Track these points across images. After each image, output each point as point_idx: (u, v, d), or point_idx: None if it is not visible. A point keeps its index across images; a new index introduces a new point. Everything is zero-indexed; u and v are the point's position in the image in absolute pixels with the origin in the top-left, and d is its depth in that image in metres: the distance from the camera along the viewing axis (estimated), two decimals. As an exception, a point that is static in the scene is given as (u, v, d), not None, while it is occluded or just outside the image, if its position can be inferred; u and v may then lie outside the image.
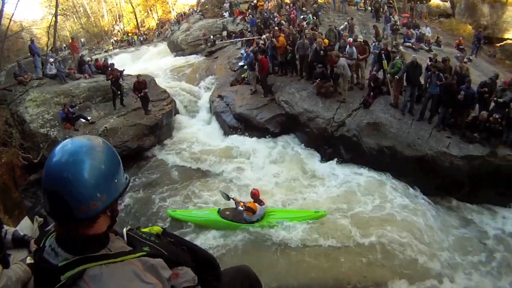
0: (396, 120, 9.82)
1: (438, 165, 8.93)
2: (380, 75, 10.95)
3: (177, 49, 22.82)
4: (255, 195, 7.23)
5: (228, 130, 11.94)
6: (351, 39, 11.39)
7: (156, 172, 10.09)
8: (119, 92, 11.88)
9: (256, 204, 7.14)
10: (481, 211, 8.75)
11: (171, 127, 12.42)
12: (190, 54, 21.24)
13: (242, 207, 7.23)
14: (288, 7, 18.76)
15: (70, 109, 10.75)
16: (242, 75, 13.66)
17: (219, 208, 7.69)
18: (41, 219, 2.79)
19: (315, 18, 16.21)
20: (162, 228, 1.48)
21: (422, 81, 10.32)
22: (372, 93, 10.44)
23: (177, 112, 13.45)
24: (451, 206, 8.96)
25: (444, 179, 8.97)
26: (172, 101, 13.27)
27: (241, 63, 14.25)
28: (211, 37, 20.82)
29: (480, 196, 8.92)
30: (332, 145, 10.13)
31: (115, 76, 11.68)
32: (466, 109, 9.55)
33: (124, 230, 1.31)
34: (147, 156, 10.88)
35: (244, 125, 11.52)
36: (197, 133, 12.41)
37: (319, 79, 10.68)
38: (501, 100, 9.21)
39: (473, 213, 8.68)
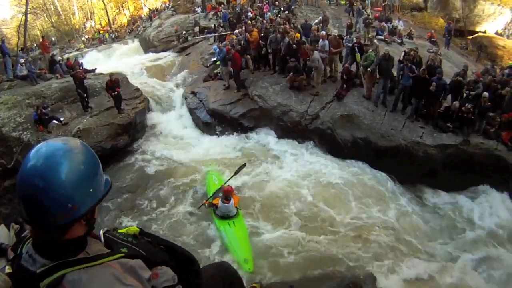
0: (369, 112, 9.88)
1: (412, 154, 9.09)
2: (353, 68, 10.96)
3: (149, 46, 22.29)
4: (226, 192, 7.09)
5: (202, 126, 11.73)
6: (323, 32, 11.38)
7: (131, 171, 9.75)
8: (85, 95, 11.40)
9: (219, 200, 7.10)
10: (454, 198, 8.98)
11: (144, 126, 12.09)
12: (163, 50, 20.71)
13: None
14: (260, 1, 18.54)
15: (43, 110, 10.29)
16: (215, 71, 13.41)
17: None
18: (17, 226, 2.62)
19: (287, 12, 16.11)
20: (139, 228, 1.49)
21: (395, 74, 10.39)
22: (345, 86, 10.44)
23: (150, 110, 13.08)
24: (426, 193, 9.18)
25: (419, 167, 9.15)
26: (145, 99, 12.90)
27: (213, 59, 14.01)
28: (184, 33, 20.40)
29: (454, 183, 9.12)
30: (306, 138, 10.06)
31: (79, 78, 11.21)
32: (438, 99, 9.71)
33: (101, 232, 1.29)
34: (121, 156, 10.49)
35: (218, 120, 11.31)
36: (171, 130, 12.11)
37: (292, 73, 10.58)
38: (473, 92, 9.45)
39: (447, 200, 8.92)
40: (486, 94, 9.26)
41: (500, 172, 9.05)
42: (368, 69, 9.91)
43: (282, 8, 16.85)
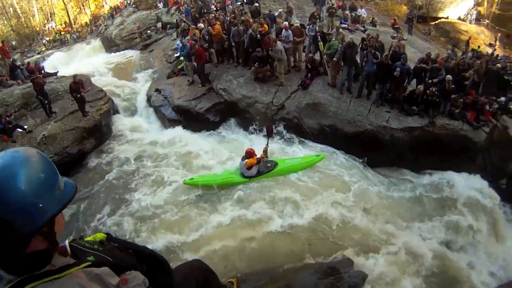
0: (335, 99, 9.94)
1: (379, 138, 9.31)
2: (317, 56, 10.98)
3: (111, 44, 21.50)
4: (248, 153, 7.86)
5: (168, 123, 11.41)
6: (286, 23, 11.33)
7: (99, 174, 9.36)
8: (46, 101, 10.84)
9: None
10: (423, 178, 9.33)
11: (110, 127, 11.64)
12: (125, 49, 20.05)
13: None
14: (223, -7, 18.26)
15: (7, 118, 9.83)
16: (179, 67, 13.06)
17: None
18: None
19: (258, 5, 15.89)
20: (106, 233, 1.48)
21: (359, 61, 10.57)
22: (309, 75, 10.45)
23: (115, 110, 12.63)
24: (396, 175, 9.48)
25: (387, 151, 9.37)
26: (109, 99, 12.43)
27: (177, 54, 13.67)
28: (146, 29, 19.83)
29: (422, 164, 9.46)
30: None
31: (39, 84, 10.64)
32: (403, 84, 9.93)
33: (67, 241, 1.25)
34: (89, 160, 10.08)
35: (184, 117, 11.02)
36: (137, 130, 11.73)
37: (257, 63, 10.42)
38: (436, 80, 9.80)
39: (416, 180, 9.26)
40: (449, 77, 9.54)
41: (467, 151, 9.41)
42: (334, 58, 9.90)
43: (244, 0, 16.65)
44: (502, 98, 10.84)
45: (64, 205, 1.14)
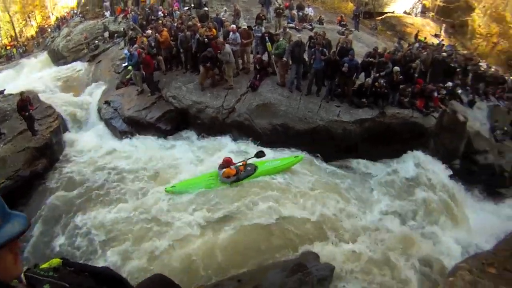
0: (285, 98, 10.06)
1: (331, 132, 9.55)
2: (265, 57, 11.02)
3: (58, 57, 20.62)
4: (226, 162, 7.93)
5: (119, 136, 11.00)
6: (234, 26, 11.34)
7: (53, 196, 8.72)
8: None
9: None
10: (378, 166, 9.80)
11: (61, 145, 11.08)
12: (73, 61, 19.22)
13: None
14: (170, -1, 18.02)
15: None
16: (127, 76, 12.69)
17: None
18: None
19: (207, 9, 15.74)
20: (61, 258, 1.44)
21: (307, 58, 10.73)
22: (258, 76, 10.49)
23: (65, 127, 12.08)
24: (352, 166, 9.80)
25: (341, 143, 9.65)
26: (59, 116, 11.83)
27: (125, 64, 13.26)
28: (94, 40, 19.20)
29: (376, 153, 9.87)
30: (225, 132, 9.98)
31: None
32: (351, 79, 10.18)
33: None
34: (41, 181, 9.42)
35: (135, 128, 10.70)
36: (89, 145, 11.21)
37: (208, 63, 10.21)
38: (383, 73, 10.17)
39: (372, 169, 9.71)
40: (397, 68, 9.93)
41: (419, 137, 9.92)
42: (284, 58, 10.01)
43: (192, 5, 16.48)
44: (449, 83, 11.49)
45: (8, 241, 1.05)
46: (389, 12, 25.96)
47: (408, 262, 6.79)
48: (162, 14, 15.64)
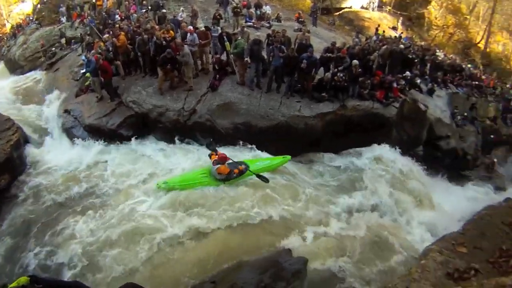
0: (245, 97, 10.15)
1: (293, 128, 9.69)
2: (224, 57, 11.10)
3: (15, 66, 19.85)
4: (222, 158, 8.02)
5: (81, 145, 10.61)
6: (191, 27, 11.35)
7: (18, 212, 8.43)
8: None
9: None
10: (342, 157, 10.12)
11: (23, 158, 10.67)
12: (30, 70, 18.56)
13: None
14: (127, 2, 17.71)
15: None
16: (86, 83, 12.40)
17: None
18: None
19: (164, 11, 15.60)
20: (29, 276, 1.51)
21: (266, 56, 10.85)
22: (218, 76, 10.53)
23: (26, 139, 11.66)
24: (316, 161, 10.05)
25: (303, 138, 9.79)
26: (18, 128, 11.36)
27: (83, 70, 12.97)
28: (51, 47, 18.62)
29: (340, 145, 10.19)
30: (187, 134, 9.97)
31: None
32: (310, 74, 10.34)
33: None
34: (4, 199, 9.01)
35: (97, 136, 10.45)
36: (51, 157, 10.82)
37: (169, 65, 10.14)
38: (340, 68, 10.32)
39: (336, 162, 9.99)
40: (356, 62, 10.20)
41: (381, 127, 10.25)
42: (246, 59, 10.06)
43: (149, 7, 16.31)
44: (407, 73, 11.92)
45: None
46: (346, 8, 26.71)
47: (380, 250, 7.07)
48: (119, 18, 15.42)
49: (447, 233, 5.05)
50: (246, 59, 10.04)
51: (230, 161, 8.24)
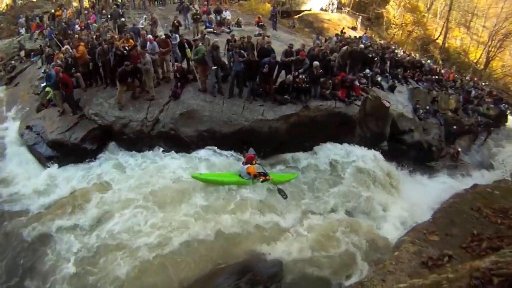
0: (207, 104, 10.24)
1: (257, 132, 9.86)
2: (184, 64, 11.20)
3: (-25, 83, 19.11)
4: (249, 158, 8.77)
5: (45, 162, 10.24)
6: (150, 36, 11.37)
7: None
8: None
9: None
10: (308, 158, 10.36)
11: None
12: (-11, 85, 17.94)
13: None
14: (86, 11, 17.44)
15: None
16: (47, 97, 12.11)
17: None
18: None
19: (124, 19, 15.48)
20: None
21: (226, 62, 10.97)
22: (179, 84, 10.59)
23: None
24: (284, 161, 10.29)
25: (268, 141, 9.91)
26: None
27: (43, 84, 12.68)
28: (10, 60, 18.05)
29: (305, 146, 10.40)
30: (152, 144, 9.95)
31: None
32: (271, 77, 10.55)
33: None
34: None
35: (61, 152, 10.15)
36: (14, 176, 10.17)
37: (129, 78, 10.09)
38: (301, 70, 10.51)
39: (303, 161, 10.26)
40: (316, 63, 10.39)
41: (345, 125, 10.56)
42: (211, 65, 10.11)
43: (109, 16, 16.16)
44: (367, 71, 12.29)
45: None
46: (306, 10, 27.25)
47: (355, 246, 7.30)
48: (79, 28, 15.19)
49: (418, 223, 5.23)
50: (211, 66, 10.12)
51: (259, 162, 8.95)
